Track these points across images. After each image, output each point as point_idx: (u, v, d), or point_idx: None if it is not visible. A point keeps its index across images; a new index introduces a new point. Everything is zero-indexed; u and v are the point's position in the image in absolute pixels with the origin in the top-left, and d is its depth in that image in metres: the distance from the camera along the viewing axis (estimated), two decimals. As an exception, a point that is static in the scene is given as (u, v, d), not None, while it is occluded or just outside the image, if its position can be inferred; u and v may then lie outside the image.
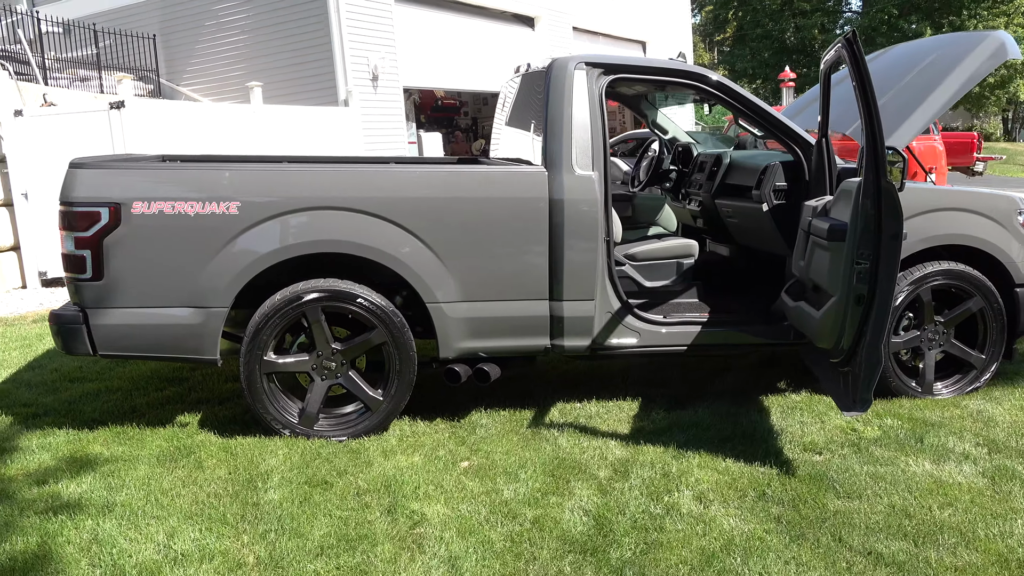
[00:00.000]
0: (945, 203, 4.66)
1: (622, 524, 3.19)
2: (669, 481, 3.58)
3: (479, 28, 16.19)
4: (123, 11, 14.58)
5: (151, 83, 14.19)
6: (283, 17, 12.82)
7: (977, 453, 3.82)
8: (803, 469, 3.68)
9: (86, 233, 3.92)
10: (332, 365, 4.18)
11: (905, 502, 3.33)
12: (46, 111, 9.47)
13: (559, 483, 3.58)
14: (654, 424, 4.33)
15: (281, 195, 4.03)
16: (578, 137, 4.26)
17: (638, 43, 22.71)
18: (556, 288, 4.27)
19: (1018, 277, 4.72)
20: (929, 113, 4.73)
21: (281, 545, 3.06)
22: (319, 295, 4.07)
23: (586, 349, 4.40)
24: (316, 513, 3.30)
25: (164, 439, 4.14)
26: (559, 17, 18.27)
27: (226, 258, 4.00)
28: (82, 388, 5.03)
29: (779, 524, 3.18)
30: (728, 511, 3.29)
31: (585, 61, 4.38)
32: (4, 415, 4.59)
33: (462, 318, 4.22)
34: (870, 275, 3.44)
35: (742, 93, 4.49)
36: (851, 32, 3.48)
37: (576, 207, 4.20)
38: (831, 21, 41.53)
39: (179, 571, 2.88)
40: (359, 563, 2.93)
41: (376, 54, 12.92)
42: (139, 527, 3.20)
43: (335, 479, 3.62)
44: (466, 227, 4.16)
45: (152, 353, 4.14)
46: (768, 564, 2.88)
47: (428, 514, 3.29)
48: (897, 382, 4.66)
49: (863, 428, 4.19)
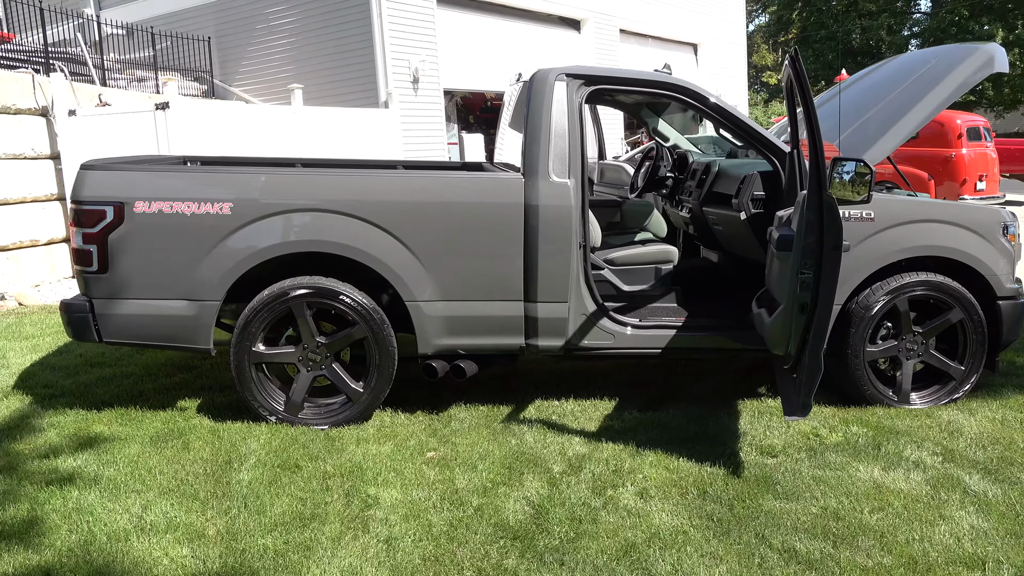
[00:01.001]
0: (925, 215, 4.69)
1: (559, 515, 3.37)
2: (617, 477, 3.74)
3: (524, 31, 16.40)
4: (181, 14, 15.23)
5: (205, 83, 14.80)
6: (328, 20, 13.26)
7: (931, 461, 3.89)
8: (752, 471, 3.80)
9: (93, 229, 4.27)
10: (316, 357, 4.45)
11: (839, 505, 3.44)
12: (98, 111, 10.02)
13: (513, 475, 3.78)
14: (623, 423, 4.49)
15: (270, 198, 4.31)
16: (556, 146, 4.44)
17: (689, 45, 22.63)
18: (530, 290, 4.46)
19: (1000, 290, 4.73)
20: (910, 126, 4.79)
21: (240, 520, 3.33)
22: (304, 291, 4.35)
23: (560, 349, 4.58)
24: (280, 493, 3.57)
25: (161, 422, 4.47)
26: (606, 20, 18.36)
27: (219, 255, 4.31)
28: (99, 373, 5.42)
29: (709, 521, 3.32)
30: (664, 507, 3.45)
31: (566, 72, 4.56)
32: (25, 395, 5.00)
33: (440, 316, 4.45)
34: (812, 285, 3.55)
35: (720, 104, 4.61)
36: (794, 50, 3.59)
37: (551, 213, 4.39)
38: (898, 22, 40.52)
39: (144, 539, 3.17)
40: (306, 539, 3.18)
41: (417, 56, 13.25)
42: (119, 499, 3.51)
43: (306, 463, 3.89)
44: (444, 230, 4.38)
45: (151, 341, 4.47)
46: (683, 557, 3.03)
47: (382, 498, 3.53)
48: (872, 390, 4.72)
49: (827, 434, 4.27)
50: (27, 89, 9.62)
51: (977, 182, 15.28)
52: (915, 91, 4.91)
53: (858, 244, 4.60)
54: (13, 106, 9.43)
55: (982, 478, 3.69)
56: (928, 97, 4.81)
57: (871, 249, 4.61)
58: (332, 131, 11.60)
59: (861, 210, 4.59)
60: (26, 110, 9.61)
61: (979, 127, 15.72)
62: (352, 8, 12.94)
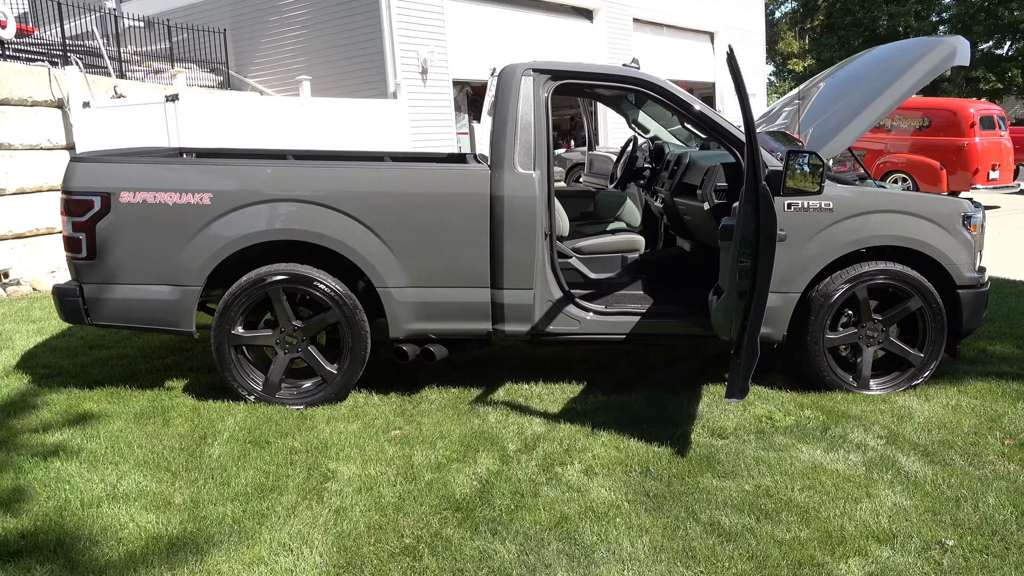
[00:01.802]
0: (884, 205, 4.80)
1: (503, 489, 3.57)
2: (567, 455, 3.93)
3: (536, 21, 16.51)
4: (199, 7, 15.55)
5: (222, 75, 15.11)
6: (338, 12, 13.48)
7: (873, 444, 4.03)
8: (697, 451, 3.97)
9: (81, 218, 4.53)
10: (293, 340, 4.68)
11: (773, 483, 3.60)
12: (111, 103, 10.34)
13: (468, 452, 3.98)
14: (586, 405, 4.67)
15: (248, 188, 4.54)
16: (522, 138, 4.62)
17: (706, 34, 22.59)
18: (497, 277, 4.65)
19: (959, 279, 4.84)
20: (870, 119, 4.90)
21: (205, 491, 3.57)
22: (280, 277, 4.58)
23: (526, 334, 4.77)
24: (247, 466, 3.81)
25: (147, 400, 4.73)
26: (619, 9, 18.40)
27: (199, 242, 4.54)
28: (97, 354, 5.71)
29: (644, 497, 3.50)
30: (605, 484, 3.63)
31: (532, 67, 4.72)
32: (25, 374, 5.29)
33: (410, 302, 4.66)
34: (750, 273, 3.70)
35: (682, 97, 4.75)
36: (728, 48, 3.73)
37: (515, 203, 4.56)
38: (926, 8, 39.94)
39: (114, 506, 3.42)
40: (263, 508, 3.41)
41: (425, 48, 13.44)
42: (97, 470, 3.77)
43: (275, 439, 4.12)
44: (414, 220, 4.58)
45: (137, 324, 4.72)
46: (610, 528, 3.22)
47: (340, 472, 3.75)
48: (831, 376, 4.85)
49: (781, 417, 4.43)
50: (43, 82, 9.95)
51: (990, 171, 15.17)
52: (878, 84, 5.01)
53: (817, 233, 4.73)
54: (30, 98, 9.76)
55: (918, 460, 3.83)
56: (889, 90, 4.91)
57: (830, 238, 4.74)
58: (340, 122, 11.84)
59: (820, 201, 4.72)
60: (42, 102, 9.95)
61: (993, 116, 15.59)
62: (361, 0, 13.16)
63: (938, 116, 15.88)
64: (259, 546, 3.10)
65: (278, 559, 3.01)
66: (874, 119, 4.93)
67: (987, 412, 4.43)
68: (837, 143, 4.90)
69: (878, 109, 4.92)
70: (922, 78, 4.94)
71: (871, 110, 4.92)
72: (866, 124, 4.91)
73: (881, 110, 4.92)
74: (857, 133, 4.93)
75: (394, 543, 3.12)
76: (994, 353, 5.56)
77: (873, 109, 4.92)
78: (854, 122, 4.92)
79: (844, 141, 4.90)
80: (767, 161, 4.66)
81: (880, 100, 4.92)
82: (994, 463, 3.79)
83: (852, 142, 4.91)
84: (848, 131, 4.91)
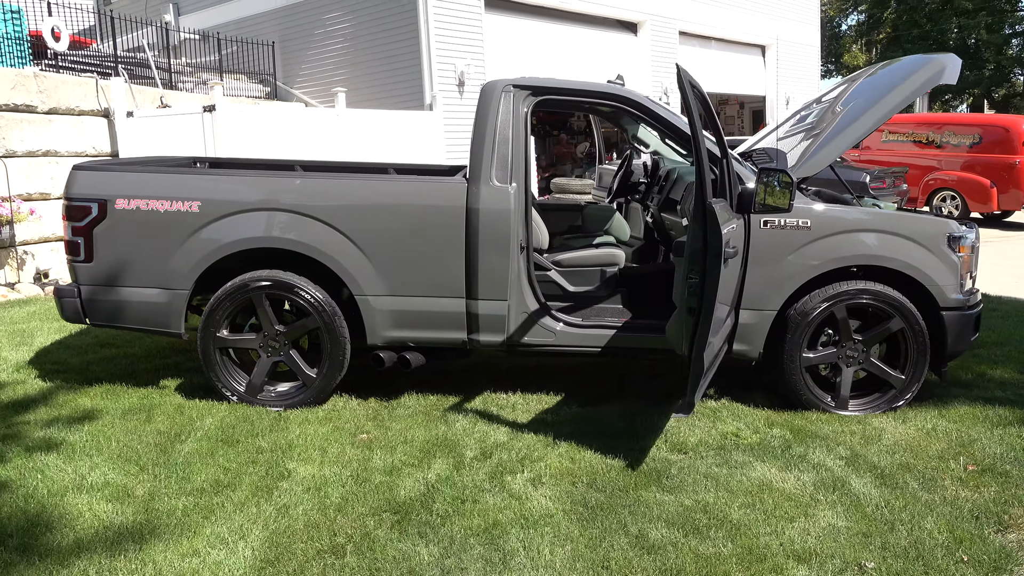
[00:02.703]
0: (864, 225, 4.77)
1: (446, 495, 3.66)
2: (520, 464, 4.01)
3: (577, 34, 16.60)
4: (250, 19, 16.08)
5: (269, 86, 15.58)
6: (378, 26, 13.81)
7: (832, 464, 4.00)
8: (651, 465, 4.00)
9: (80, 223, 4.79)
10: (276, 344, 4.86)
11: (714, 499, 3.62)
12: (153, 112, 10.79)
13: (425, 458, 4.09)
14: (556, 417, 4.73)
15: (234, 198, 4.75)
16: (499, 152, 4.72)
17: (756, 47, 22.35)
18: (472, 287, 4.75)
19: (943, 300, 4.76)
20: (851, 138, 4.89)
21: (166, 485, 3.75)
22: (263, 283, 4.76)
23: (501, 344, 4.85)
24: (210, 464, 3.98)
25: (139, 397, 4.97)
26: (664, 22, 18.37)
27: (188, 248, 4.76)
28: (105, 352, 6.00)
29: (582, 508, 3.55)
30: (548, 493, 3.69)
31: (513, 84, 4.83)
32: (36, 370, 5.60)
33: (387, 310, 4.80)
34: (697, 290, 3.73)
35: (662, 115, 4.79)
36: (676, 66, 3.78)
37: (490, 216, 4.67)
38: (997, 21, 38.69)
39: (78, 496, 3.63)
40: (214, 502, 3.57)
41: (463, 60, 13.65)
42: (72, 462, 3.99)
43: (245, 439, 4.29)
44: (392, 231, 4.72)
45: (130, 325, 4.97)
46: (536, 536, 3.28)
47: (297, 472, 3.90)
48: (808, 395, 4.82)
49: (748, 435, 4.42)
50: (91, 92, 10.45)
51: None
52: (864, 103, 4.98)
53: (794, 251, 4.72)
54: (77, 108, 10.26)
55: (871, 482, 3.80)
56: (872, 109, 4.88)
57: (807, 257, 4.72)
58: (375, 133, 12.10)
59: (797, 219, 4.71)
60: (89, 111, 10.44)
61: (1048, 133, 15.07)
62: (401, 14, 13.44)
63: (990, 133, 15.43)
64: (199, 539, 3.26)
65: (212, 552, 3.16)
66: (856, 137, 4.91)
67: (961, 437, 4.34)
68: (817, 161, 4.88)
69: (860, 128, 4.89)
70: (907, 96, 4.91)
71: (853, 129, 4.89)
72: (847, 142, 4.89)
73: (863, 129, 4.89)
74: (838, 151, 4.91)
75: (325, 541, 3.24)
76: (992, 377, 5.44)
77: (855, 128, 4.89)
78: (835, 140, 4.90)
79: (824, 159, 4.88)
80: (744, 177, 4.68)
81: (863, 119, 4.89)
82: (948, 488, 3.73)
83: (832, 160, 4.89)
84: (828, 149, 4.90)
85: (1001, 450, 4.14)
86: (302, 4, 15.11)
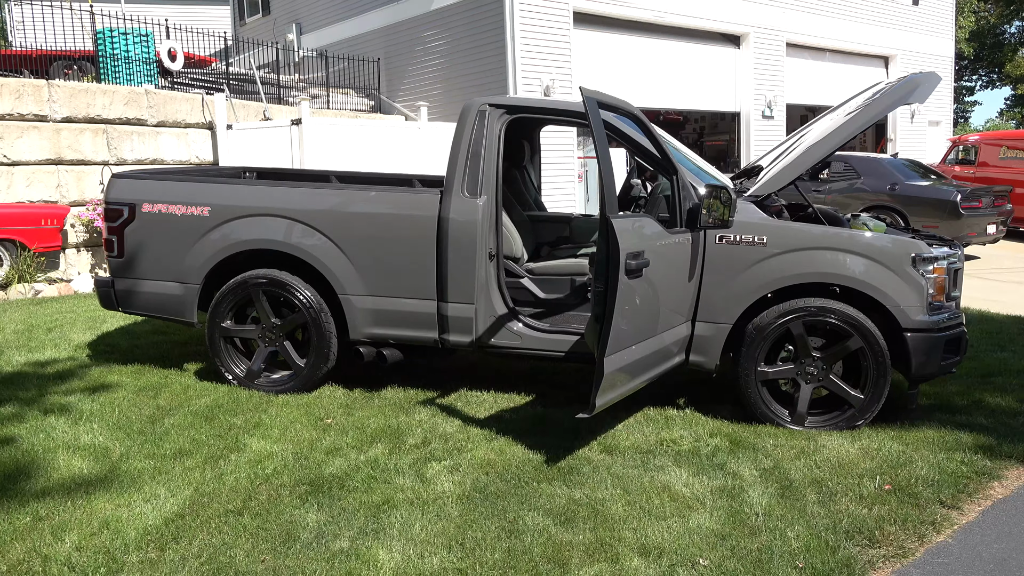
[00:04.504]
0: (822, 243, 4.80)
1: (364, 473, 4.06)
2: (448, 453, 4.35)
3: (673, 48, 16.63)
4: (359, 38, 17.14)
5: (374, 99, 16.55)
6: (470, 42, 14.42)
7: (746, 474, 4.11)
8: (569, 462, 4.25)
9: (114, 224, 5.54)
10: (272, 335, 5.43)
11: (605, 496, 3.83)
12: (249, 125, 11.82)
13: (368, 442, 4.51)
14: (515, 415, 5.03)
15: (237, 203, 5.35)
16: (470, 167, 5.09)
17: (878, 59, 21.48)
18: (442, 291, 5.14)
19: (905, 322, 4.73)
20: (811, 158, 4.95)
21: (140, 448, 4.36)
22: (260, 281, 5.34)
23: (469, 345, 5.21)
24: (183, 435, 4.56)
25: (158, 377, 5.67)
26: (770, 34, 18.05)
27: (200, 248, 5.41)
28: (154, 339, 6.80)
29: (478, 494, 3.86)
30: (456, 479, 4.02)
31: (488, 102, 5.19)
32: (88, 350, 6.44)
33: (367, 309, 5.26)
34: (600, 299, 3.97)
35: (628, 133, 5.01)
36: (581, 88, 4.02)
37: (458, 225, 5.04)
38: None
39: (63, 454, 4.28)
40: (168, 466, 4.13)
41: (548, 75, 14.04)
42: (75, 426, 4.67)
43: (224, 417, 4.86)
44: (372, 236, 5.18)
45: (154, 313, 5.67)
46: (418, 513, 3.62)
47: (250, 447, 4.41)
48: (764, 409, 4.90)
49: (686, 442, 4.56)
50: (196, 107, 11.59)
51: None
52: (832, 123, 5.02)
53: (749, 267, 4.83)
54: (183, 121, 11.42)
55: (770, 493, 3.89)
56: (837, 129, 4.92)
57: (762, 273, 4.82)
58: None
59: (753, 235, 4.82)
60: (195, 124, 11.58)
61: None
62: (490, 31, 14.00)
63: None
64: (137, 494, 3.81)
65: (141, 505, 3.69)
66: (816, 157, 4.96)
67: (899, 459, 4.32)
68: (775, 179, 4.98)
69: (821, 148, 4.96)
70: (874, 115, 4.93)
71: (814, 149, 4.97)
72: (807, 162, 4.95)
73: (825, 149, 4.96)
74: (798, 170, 4.96)
75: (236, 504, 3.71)
76: (987, 405, 5.27)
77: (816, 148, 4.98)
78: (796, 160, 4.98)
79: (783, 178, 4.97)
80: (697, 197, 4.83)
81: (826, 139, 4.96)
82: (842, 504, 3.77)
83: (791, 179, 4.96)
84: (788, 168, 4.98)
85: (926, 473, 4.11)
86: (404, 23, 15.98)
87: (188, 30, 14.31)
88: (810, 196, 13.14)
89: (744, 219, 4.84)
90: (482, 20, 14.22)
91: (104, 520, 3.53)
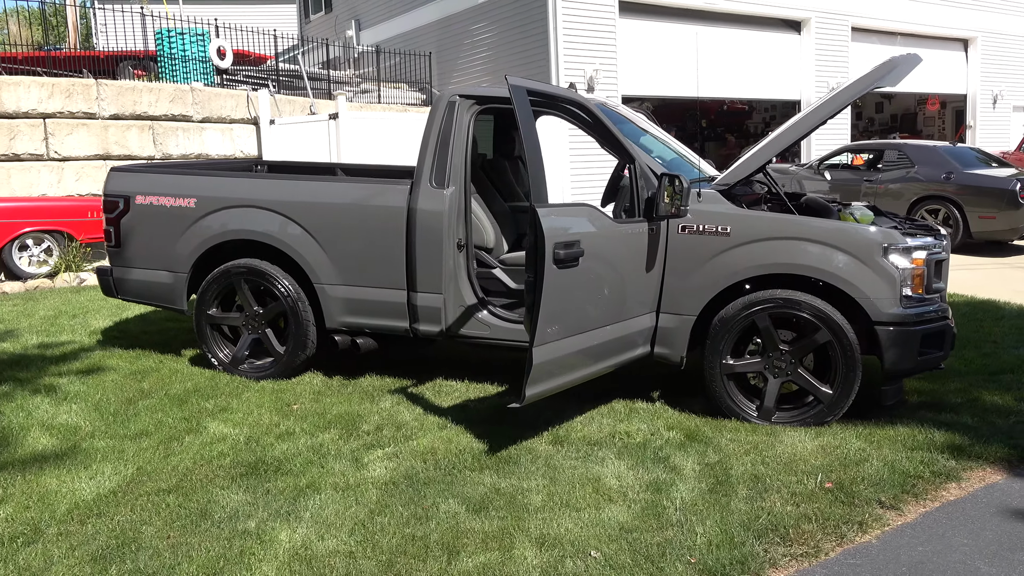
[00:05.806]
0: (788, 232, 4.65)
1: (304, 458, 4.16)
2: (394, 441, 4.41)
3: (726, 35, 16.24)
4: (413, 33, 17.38)
5: (425, 93, 16.75)
6: (516, 34, 14.44)
7: (687, 468, 4.03)
8: (509, 452, 4.25)
9: (111, 215, 5.81)
10: (255, 323, 5.60)
11: (531, 486, 3.82)
12: (290, 120, 12.16)
13: (322, 428, 4.61)
14: (480, 406, 5.05)
15: (222, 195, 5.54)
16: (439, 157, 5.13)
17: (957, 41, 20.46)
18: (411, 281, 5.20)
19: (875, 315, 4.55)
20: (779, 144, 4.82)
21: (110, 427, 4.58)
22: (240, 270, 5.52)
23: (438, 334, 5.25)
24: (152, 417, 4.76)
25: (152, 362, 5.92)
26: (833, 19, 17.42)
27: (187, 238, 5.62)
28: (164, 326, 7.09)
29: (405, 481, 3.89)
30: (390, 467, 4.06)
31: (458, 93, 5.22)
32: (100, 335, 6.77)
33: (341, 298, 5.37)
34: (529, 288, 3.95)
35: (603, 122, 4.93)
36: (505, 78, 3.99)
37: (425, 216, 5.09)
38: None
39: (38, 431, 4.53)
40: (126, 446, 4.32)
41: (591, 65, 13.93)
42: (57, 405, 4.94)
43: (197, 401, 5.04)
44: (344, 227, 5.29)
45: (147, 300, 5.92)
46: (337, 497, 3.69)
47: (209, 429, 4.57)
48: (729, 403, 4.78)
49: (640, 435, 4.50)
50: (241, 103, 11.99)
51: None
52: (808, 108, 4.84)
53: (712, 257, 4.72)
54: (228, 117, 11.83)
55: (701, 487, 3.81)
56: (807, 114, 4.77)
57: (725, 264, 4.70)
58: (494, 137, 12.71)
59: (716, 224, 4.71)
60: (239, 120, 11.98)
61: None
62: (534, 23, 13.99)
63: None
64: (85, 470, 4.00)
65: (84, 481, 3.88)
66: (784, 143, 4.83)
67: (854, 457, 4.16)
68: (743, 167, 4.85)
69: (790, 134, 4.82)
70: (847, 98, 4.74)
71: (782, 135, 4.83)
72: (775, 148, 4.82)
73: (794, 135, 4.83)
74: (765, 157, 4.83)
75: (168, 483, 3.86)
76: (981, 404, 5.00)
77: (785, 134, 4.84)
78: (765, 147, 4.84)
79: (750, 165, 4.83)
80: (653, 185, 4.74)
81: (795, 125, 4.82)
82: (769, 501, 3.66)
83: (757, 166, 4.82)
84: (756, 155, 4.85)
85: (875, 472, 3.94)
86: (455, 16, 16.11)
87: (247, 29, 14.79)
88: (863, 186, 12.69)
89: (707, 208, 4.73)
90: (527, 11, 14.21)
91: (43, 494, 3.73)
